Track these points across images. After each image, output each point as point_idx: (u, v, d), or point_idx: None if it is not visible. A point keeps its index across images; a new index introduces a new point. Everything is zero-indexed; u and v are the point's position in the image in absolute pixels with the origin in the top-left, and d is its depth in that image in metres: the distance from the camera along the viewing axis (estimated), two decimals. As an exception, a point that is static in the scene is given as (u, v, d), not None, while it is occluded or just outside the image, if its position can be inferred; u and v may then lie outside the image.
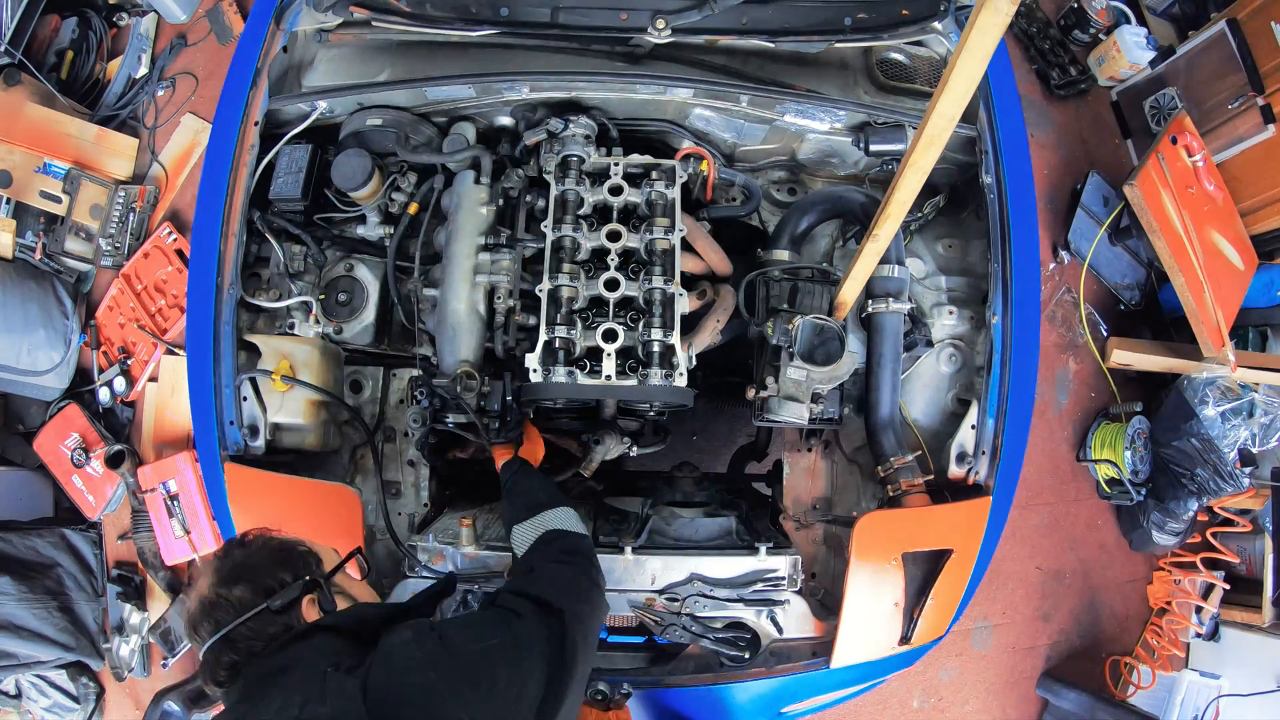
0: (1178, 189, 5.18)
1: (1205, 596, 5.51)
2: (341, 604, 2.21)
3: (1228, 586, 5.46)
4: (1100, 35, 6.30)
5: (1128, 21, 6.23)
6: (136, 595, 5.51)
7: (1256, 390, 5.20)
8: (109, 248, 5.76)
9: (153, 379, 5.72)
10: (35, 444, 5.75)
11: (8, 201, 5.70)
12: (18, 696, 5.43)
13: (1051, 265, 6.02)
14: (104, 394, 5.76)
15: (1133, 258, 5.98)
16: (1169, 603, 5.72)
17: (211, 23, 6.23)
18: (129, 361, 5.74)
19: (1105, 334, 5.99)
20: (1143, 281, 6.04)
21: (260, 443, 3.28)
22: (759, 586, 3.21)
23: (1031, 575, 5.79)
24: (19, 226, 5.72)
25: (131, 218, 5.82)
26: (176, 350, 5.62)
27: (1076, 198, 5.92)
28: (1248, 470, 5.16)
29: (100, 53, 6.23)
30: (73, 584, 5.39)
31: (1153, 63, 5.98)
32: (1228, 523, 5.52)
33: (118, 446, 5.36)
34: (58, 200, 5.69)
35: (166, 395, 5.65)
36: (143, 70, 6.21)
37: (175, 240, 5.72)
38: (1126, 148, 6.37)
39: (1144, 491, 5.48)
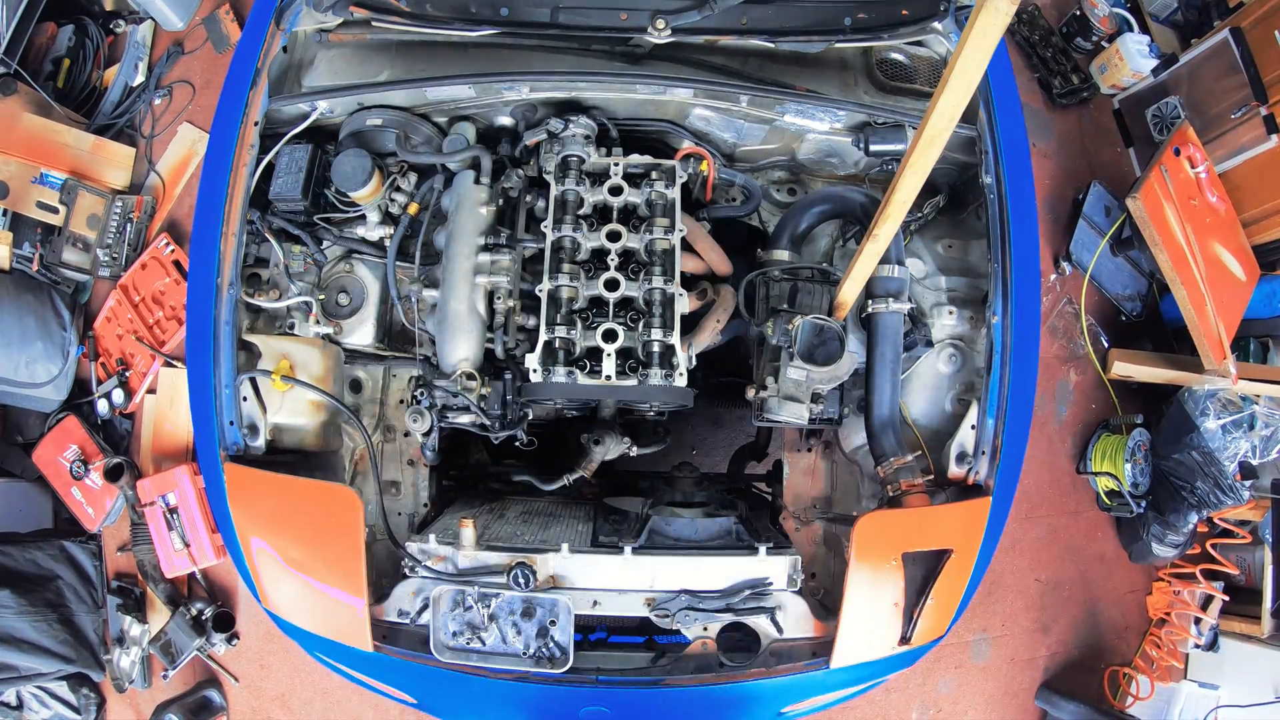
0: (1180, 201, 5.18)
1: (1204, 607, 5.49)
2: None
3: (1227, 598, 5.43)
4: (1103, 43, 6.32)
5: (1130, 29, 6.24)
6: (136, 607, 5.49)
7: (1257, 402, 5.20)
8: (106, 258, 5.76)
9: (151, 391, 5.72)
10: (34, 456, 5.73)
11: (4, 213, 5.70)
12: (19, 707, 5.41)
13: (1053, 276, 6.02)
14: (102, 406, 5.74)
15: (1134, 269, 5.98)
16: (1168, 614, 5.71)
17: (208, 30, 6.24)
18: (127, 373, 5.73)
19: (1106, 345, 5.98)
20: (1144, 292, 6.04)
21: (260, 442, 3.27)
22: (748, 595, 3.20)
23: (1031, 587, 5.77)
24: (16, 238, 5.72)
25: (129, 228, 5.82)
26: (175, 362, 5.62)
27: (1078, 208, 5.92)
28: (1248, 483, 5.15)
29: (97, 61, 6.24)
30: (73, 596, 5.39)
31: (1155, 71, 5.99)
32: (1227, 534, 5.52)
33: (116, 459, 5.33)
34: (55, 211, 5.69)
35: (165, 407, 5.65)
36: (139, 78, 6.22)
37: (173, 251, 5.72)
38: (1128, 156, 6.39)
39: (1144, 504, 5.48)
